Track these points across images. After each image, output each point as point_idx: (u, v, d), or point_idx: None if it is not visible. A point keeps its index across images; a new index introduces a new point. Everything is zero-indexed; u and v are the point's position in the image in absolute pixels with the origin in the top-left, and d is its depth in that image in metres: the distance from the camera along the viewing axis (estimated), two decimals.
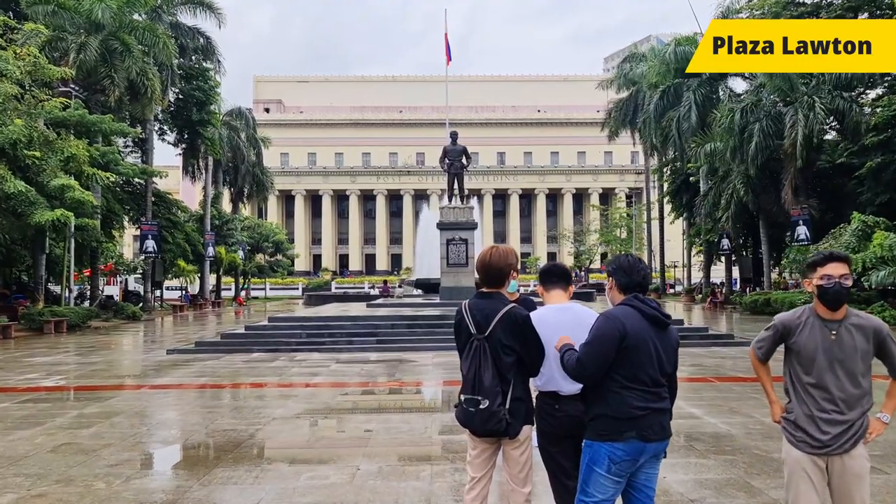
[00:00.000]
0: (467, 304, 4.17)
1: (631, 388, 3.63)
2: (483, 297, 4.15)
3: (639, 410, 3.61)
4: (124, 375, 13.74)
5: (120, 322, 31.95)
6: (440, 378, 12.93)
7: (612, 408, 3.64)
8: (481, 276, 4.20)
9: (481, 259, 4.18)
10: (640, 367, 3.64)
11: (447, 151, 25.89)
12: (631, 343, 3.62)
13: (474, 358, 4.00)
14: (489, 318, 4.00)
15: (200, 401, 11.01)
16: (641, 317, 3.70)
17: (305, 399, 10.77)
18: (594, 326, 3.77)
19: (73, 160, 25.80)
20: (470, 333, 4.05)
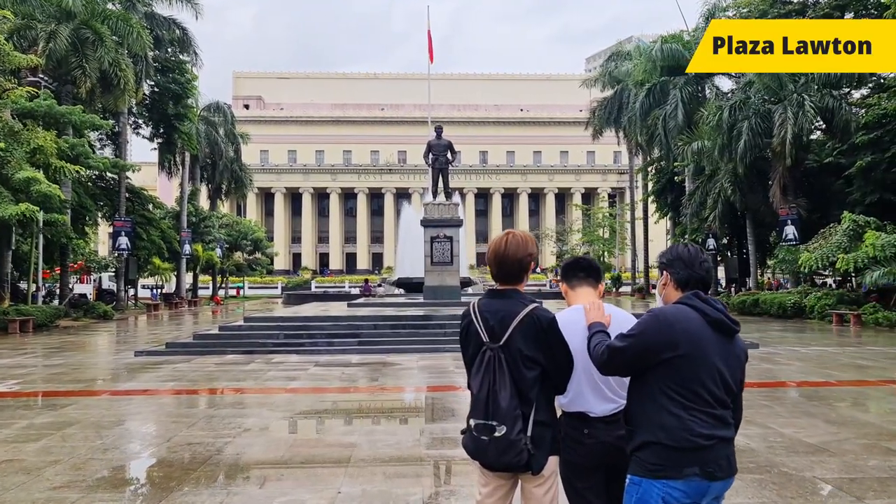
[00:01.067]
0: (477, 304, 3.33)
1: (692, 408, 2.84)
2: (497, 297, 3.33)
3: (703, 439, 2.82)
4: (86, 380, 12.76)
5: (90, 321, 30.78)
6: (426, 383, 12.11)
7: (669, 434, 2.83)
8: (495, 270, 3.38)
9: (495, 248, 3.36)
10: (699, 383, 2.86)
11: (431, 146, 25.08)
12: (686, 352, 2.85)
13: (487, 372, 3.16)
14: (505, 322, 3.17)
15: (166, 409, 10.11)
16: (703, 320, 2.91)
17: (281, 407, 9.90)
18: (638, 322, 3.01)
19: (40, 152, 24.72)
20: (481, 342, 3.22)
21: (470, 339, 3.30)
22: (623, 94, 52.46)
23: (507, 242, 3.29)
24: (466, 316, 3.34)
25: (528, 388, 3.12)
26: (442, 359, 15.24)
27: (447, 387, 11.61)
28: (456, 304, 23.16)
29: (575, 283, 3.64)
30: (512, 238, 3.31)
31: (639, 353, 2.90)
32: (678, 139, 39.35)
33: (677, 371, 2.84)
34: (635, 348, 2.90)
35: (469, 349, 3.31)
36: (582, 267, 3.65)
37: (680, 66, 42.24)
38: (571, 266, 3.69)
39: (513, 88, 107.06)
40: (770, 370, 13.37)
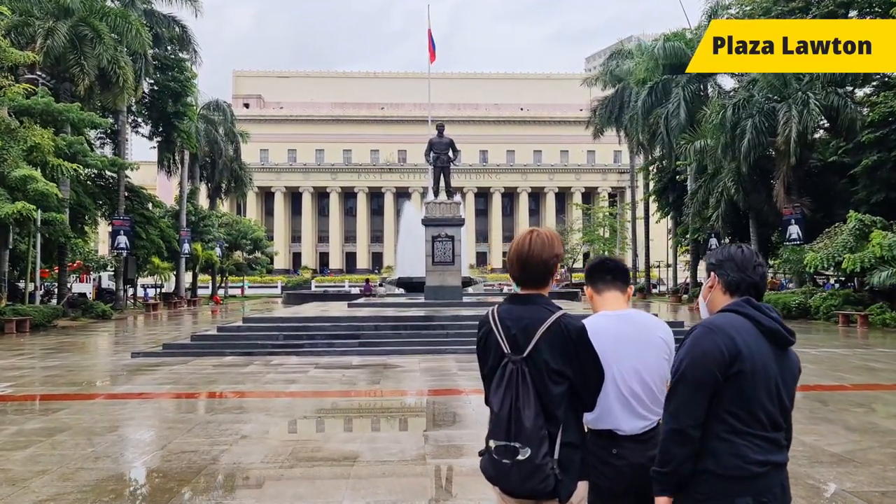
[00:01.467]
0: (497, 311, 3.00)
1: (746, 432, 2.52)
2: (519, 302, 2.98)
3: (757, 466, 2.50)
4: (80, 382, 12.44)
5: (89, 321, 30.48)
6: (429, 386, 11.79)
7: (720, 461, 2.52)
8: (517, 273, 3.03)
9: (517, 248, 3.02)
10: (756, 403, 2.53)
11: (433, 144, 24.76)
12: (745, 367, 2.52)
13: (509, 388, 2.82)
14: (529, 331, 2.84)
15: (162, 413, 9.81)
16: (757, 331, 2.59)
17: (281, 411, 9.60)
18: (690, 342, 2.63)
19: (37, 150, 24.41)
20: (502, 353, 2.88)
21: (489, 350, 2.97)
22: (624, 93, 52.18)
23: (530, 242, 2.96)
24: (485, 324, 3.02)
25: (554, 405, 2.80)
26: (444, 361, 14.94)
27: (450, 390, 11.30)
28: (458, 304, 22.88)
29: (601, 287, 3.33)
30: (536, 237, 2.98)
31: (703, 380, 2.52)
32: (680, 138, 39.08)
33: (734, 390, 2.52)
34: (695, 380, 2.53)
35: (488, 361, 2.98)
36: (609, 269, 3.33)
37: (682, 64, 41.92)
38: (597, 268, 3.36)
39: (513, 87, 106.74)
40: None
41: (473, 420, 8.94)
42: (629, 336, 3.14)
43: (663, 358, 3.17)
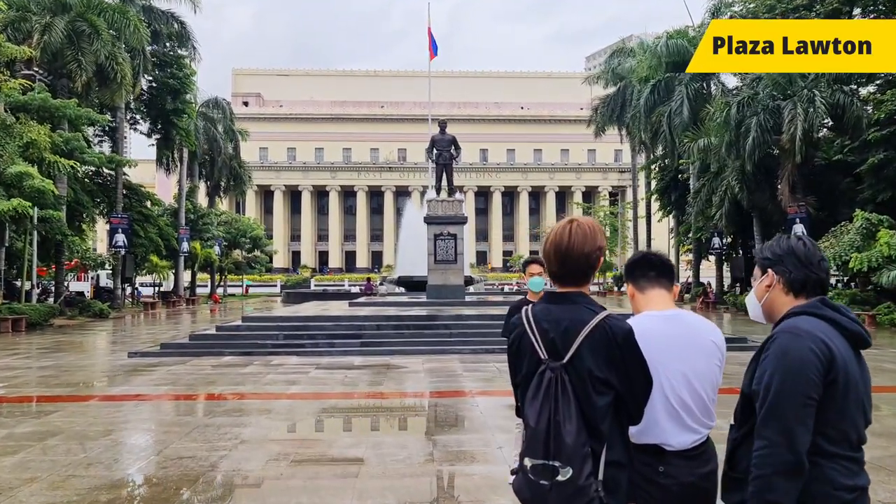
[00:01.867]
0: (531, 311, 2.66)
1: (834, 453, 2.19)
2: (557, 302, 2.63)
3: (847, 492, 2.17)
4: (75, 383, 12.09)
5: (86, 320, 30.15)
6: (433, 387, 11.46)
7: (805, 489, 2.16)
8: (555, 268, 2.67)
9: (555, 241, 2.64)
10: (848, 418, 2.21)
11: (435, 141, 24.43)
12: (839, 377, 2.19)
13: (547, 399, 2.46)
14: (570, 334, 2.50)
15: (158, 416, 9.47)
16: (840, 335, 2.26)
17: (281, 414, 9.26)
18: (777, 352, 2.25)
19: (34, 146, 24.05)
20: (538, 359, 2.54)
21: (522, 356, 2.63)
22: (626, 91, 51.83)
23: (570, 233, 2.60)
24: (517, 325, 2.68)
25: (599, 418, 2.46)
26: (448, 361, 14.61)
27: (456, 392, 10.98)
28: (460, 303, 22.55)
29: (644, 285, 2.98)
30: (577, 228, 2.62)
31: (807, 393, 2.16)
32: (684, 136, 38.71)
33: (825, 404, 2.18)
34: (797, 395, 2.15)
35: (521, 368, 2.64)
36: (652, 264, 2.99)
37: (685, 62, 41.54)
38: (639, 263, 3.03)
39: (513, 86, 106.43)
40: None
41: (481, 423, 8.62)
42: (678, 339, 2.81)
43: (715, 364, 2.84)
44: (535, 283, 6.02)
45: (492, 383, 11.85)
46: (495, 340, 16.42)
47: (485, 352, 15.80)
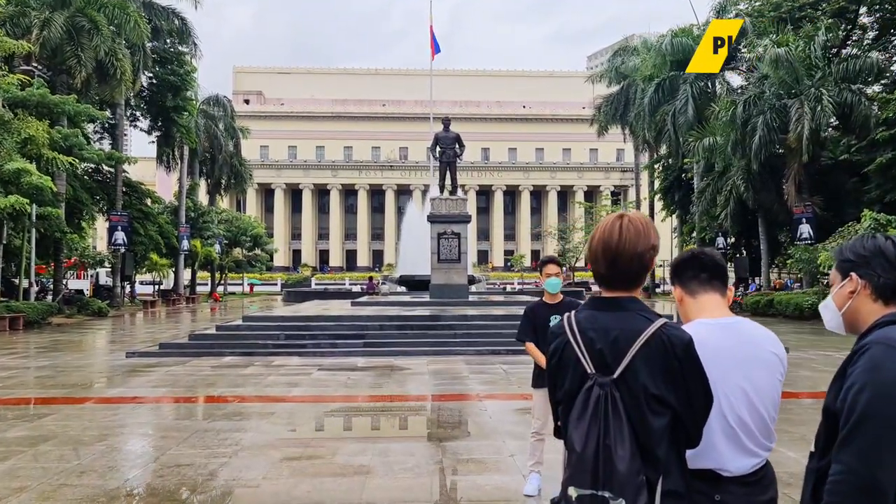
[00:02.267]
0: (574, 318, 2.31)
1: None
2: (606, 308, 2.29)
3: None
4: (71, 384, 11.76)
5: (84, 319, 29.84)
6: (439, 390, 11.14)
7: None
8: (603, 269, 2.31)
9: (604, 239, 2.29)
10: None
11: (439, 139, 24.11)
12: None
13: (595, 420, 2.11)
14: (621, 345, 2.16)
15: (156, 420, 9.14)
16: None
17: (283, 418, 8.94)
18: (867, 366, 1.91)
19: (31, 142, 23.74)
20: (584, 373, 2.19)
21: (565, 369, 2.28)
22: (630, 90, 51.46)
23: (621, 230, 2.26)
24: (558, 334, 2.33)
25: (654, 441, 2.12)
26: (453, 363, 14.29)
27: (463, 395, 10.65)
28: (464, 303, 22.24)
29: (696, 289, 2.64)
30: (629, 225, 2.27)
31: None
32: (688, 135, 38.37)
33: None
34: (892, 416, 1.82)
35: (563, 383, 2.29)
36: (704, 265, 2.65)
37: (689, 60, 41.34)
38: (689, 264, 2.68)
39: (515, 85, 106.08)
40: (811, 378, 12.42)
41: (491, 429, 8.30)
42: (736, 351, 2.48)
43: (777, 379, 2.51)
44: (552, 284, 5.69)
45: (499, 386, 11.53)
46: (501, 341, 16.12)
47: (490, 353, 15.49)
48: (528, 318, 5.80)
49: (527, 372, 13.13)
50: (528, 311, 5.87)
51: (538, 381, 5.75)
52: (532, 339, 5.69)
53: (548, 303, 5.79)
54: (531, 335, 5.70)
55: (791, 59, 30.59)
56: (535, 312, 5.75)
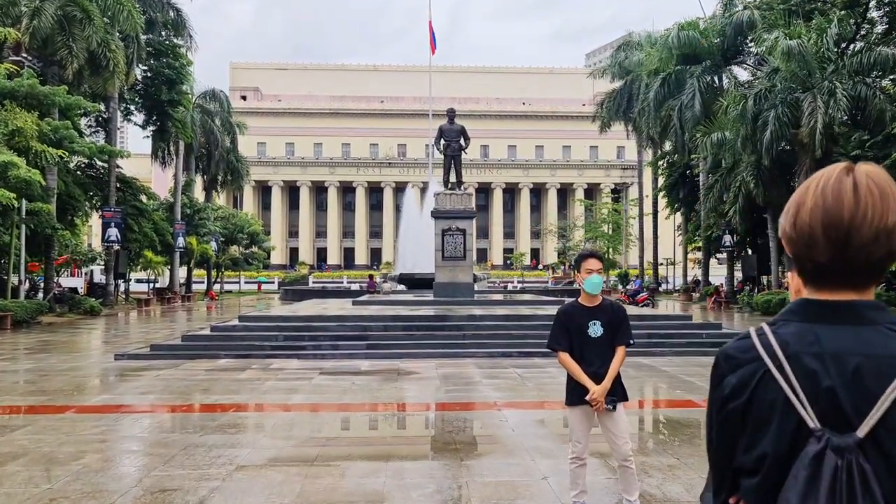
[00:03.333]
0: (773, 335, 1.39)
1: None
2: (831, 319, 1.37)
3: None
4: (52, 391, 10.84)
5: (76, 318, 28.90)
6: (453, 398, 10.25)
7: None
8: (824, 255, 1.37)
9: (826, 205, 1.36)
10: None
11: (443, 131, 23.22)
12: None
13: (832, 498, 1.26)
14: (868, 383, 1.26)
15: (141, 433, 8.24)
16: None
17: (283, 431, 8.05)
18: None
19: (19, 135, 22.82)
20: (802, 428, 1.29)
21: (761, 419, 1.34)
22: (633, 86, 50.68)
23: (857, 191, 1.34)
24: (746, 359, 1.42)
25: None
26: (463, 366, 13.41)
27: (479, 404, 9.78)
28: (470, 302, 21.38)
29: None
30: (867, 182, 1.35)
31: None
32: (696, 130, 37.53)
33: None
34: None
35: (757, 441, 1.36)
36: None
37: (696, 54, 40.49)
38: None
39: (514, 82, 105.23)
40: None
41: (515, 444, 7.41)
42: None
43: None
44: (593, 283, 4.83)
45: (516, 393, 10.66)
46: (512, 343, 15.28)
47: (501, 355, 14.62)
48: (561, 322, 4.96)
49: (543, 377, 12.29)
50: (562, 313, 5.04)
51: (574, 398, 4.89)
52: (566, 347, 4.88)
53: (585, 305, 4.96)
54: (565, 342, 4.89)
55: (804, 51, 29.72)
56: (571, 316, 4.95)
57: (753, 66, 42.16)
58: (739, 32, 39.32)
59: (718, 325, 17.52)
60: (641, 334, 16.10)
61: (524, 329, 16.28)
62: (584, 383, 4.74)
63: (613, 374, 4.80)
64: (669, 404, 9.79)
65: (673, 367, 13.25)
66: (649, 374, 12.43)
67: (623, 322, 4.93)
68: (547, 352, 14.75)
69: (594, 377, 4.74)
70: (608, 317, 4.88)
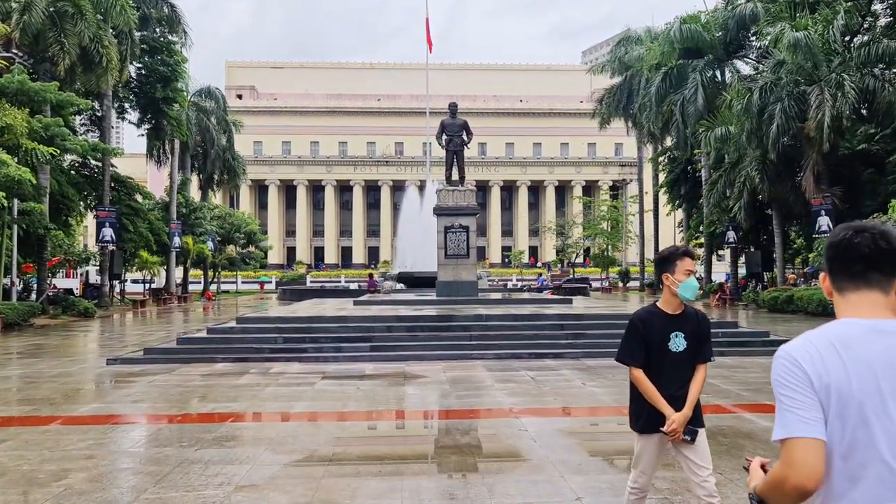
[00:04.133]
0: None
1: None
2: None
3: None
4: (39, 399, 10.19)
5: (70, 320, 28.23)
6: (465, 404, 9.63)
7: None
8: None
9: None
10: None
11: (445, 126, 22.59)
12: None
13: None
14: None
15: (131, 447, 7.61)
16: None
17: (286, 444, 7.43)
18: None
19: (9, 132, 22.17)
20: None
21: None
22: (633, 81, 50.13)
23: None
24: None
25: None
26: (472, 369, 12.81)
27: (493, 411, 9.17)
28: (475, 301, 20.77)
29: (846, 285, 1.91)
30: None
31: None
32: (700, 125, 36.95)
33: None
34: None
35: None
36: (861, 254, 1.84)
37: (698, 48, 39.91)
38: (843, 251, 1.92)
39: (512, 79, 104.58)
40: None
41: (540, 457, 6.80)
42: None
43: None
44: (692, 288, 4.01)
45: (532, 398, 10.04)
46: (521, 343, 14.70)
47: (510, 357, 14.03)
48: (637, 331, 4.09)
49: (559, 381, 11.66)
50: (638, 321, 4.12)
51: (647, 424, 4.06)
52: (642, 362, 4.03)
53: (667, 312, 4.08)
54: (641, 357, 4.03)
55: (810, 43, 29.15)
56: (649, 325, 4.06)
57: (755, 61, 41.62)
58: (742, 26, 38.78)
59: (735, 324, 16.94)
60: None
61: (533, 329, 15.68)
62: (662, 409, 3.95)
63: (695, 399, 4.03)
64: None
65: None
66: None
67: (709, 334, 4.17)
68: (559, 353, 14.25)
69: (670, 401, 3.96)
70: (692, 327, 4.07)
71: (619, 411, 9.19)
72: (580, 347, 14.54)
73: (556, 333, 15.47)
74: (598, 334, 15.37)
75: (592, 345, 14.66)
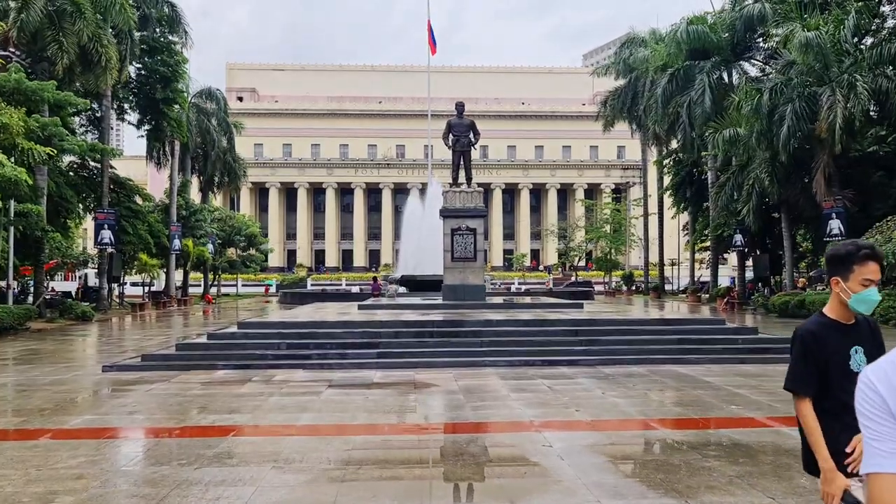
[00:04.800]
0: None
1: None
2: None
3: None
4: (29, 410, 9.61)
5: (67, 323, 27.66)
6: (480, 417, 9.06)
7: None
8: None
9: None
10: None
11: (452, 126, 22.07)
12: None
13: None
14: None
15: (124, 465, 7.03)
16: None
17: (293, 463, 6.85)
18: None
19: (5, 131, 21.58)
20: None
21: None
22: (638, 83, 49.62)
23: None
24: None
25: None
26: (485, 376, 12.25)
27: (513, 424, 8.60)
28: (483, 306, 20.22)
29: None
30: None
31: None
32: (707, 127, 36.41)
33: None
34: None
35: None
36: None
37: (705, 49, 39.41)
38: None
39: (514, 82, 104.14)
40: None
41: (570, 478, 6.23)
42: None
43: None
44: (867, 300, 3.12)
45: (551, 409, 9.47)
46: (534, 350, 14.14)
47: (523, 364, 13.47)
48: (809, 350, 3.16)
49: (577, 390, 11.07)
50: (808, 336, 3.19)
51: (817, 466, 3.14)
52: (813, 391, 3.16)
53: (841, 323, 3.20)
54: (813, 384, 3.15)
55: (821, 43, 28.64)
56: (822, 341, 3.15)
57: (763, 62, 41.14)
58: (749, 27, 38.28)
59: (754, 330, 16.37)
60: (672, 339, 14.98)
61: (546, 335, 15.14)
62: (820, 460, 3.05)
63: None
64: (730, 423, 8.60)
65: (715, 377, 12.09)
66: (692, 386, 11.26)
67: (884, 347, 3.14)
68: (573, 360, 13.66)
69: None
70: (870, 339, 3.22)
71: (646, 424, 8.64)
72: (595, 354, 13.98)
73: (569, 339, 14.91)
74: (614, 340, 14.82)
75: (608, 351, 14.11)
